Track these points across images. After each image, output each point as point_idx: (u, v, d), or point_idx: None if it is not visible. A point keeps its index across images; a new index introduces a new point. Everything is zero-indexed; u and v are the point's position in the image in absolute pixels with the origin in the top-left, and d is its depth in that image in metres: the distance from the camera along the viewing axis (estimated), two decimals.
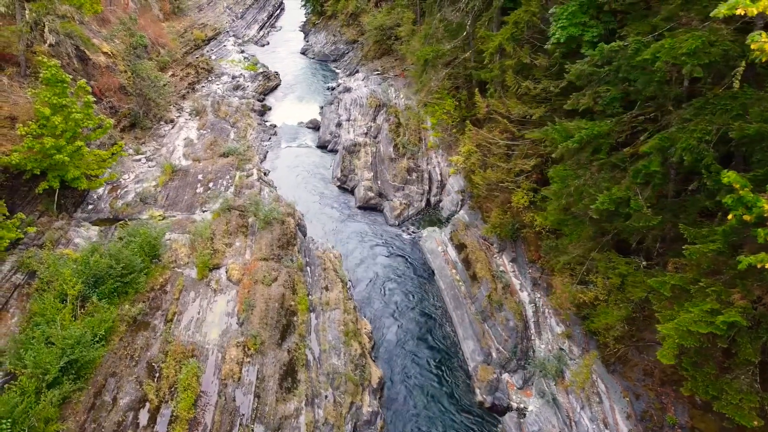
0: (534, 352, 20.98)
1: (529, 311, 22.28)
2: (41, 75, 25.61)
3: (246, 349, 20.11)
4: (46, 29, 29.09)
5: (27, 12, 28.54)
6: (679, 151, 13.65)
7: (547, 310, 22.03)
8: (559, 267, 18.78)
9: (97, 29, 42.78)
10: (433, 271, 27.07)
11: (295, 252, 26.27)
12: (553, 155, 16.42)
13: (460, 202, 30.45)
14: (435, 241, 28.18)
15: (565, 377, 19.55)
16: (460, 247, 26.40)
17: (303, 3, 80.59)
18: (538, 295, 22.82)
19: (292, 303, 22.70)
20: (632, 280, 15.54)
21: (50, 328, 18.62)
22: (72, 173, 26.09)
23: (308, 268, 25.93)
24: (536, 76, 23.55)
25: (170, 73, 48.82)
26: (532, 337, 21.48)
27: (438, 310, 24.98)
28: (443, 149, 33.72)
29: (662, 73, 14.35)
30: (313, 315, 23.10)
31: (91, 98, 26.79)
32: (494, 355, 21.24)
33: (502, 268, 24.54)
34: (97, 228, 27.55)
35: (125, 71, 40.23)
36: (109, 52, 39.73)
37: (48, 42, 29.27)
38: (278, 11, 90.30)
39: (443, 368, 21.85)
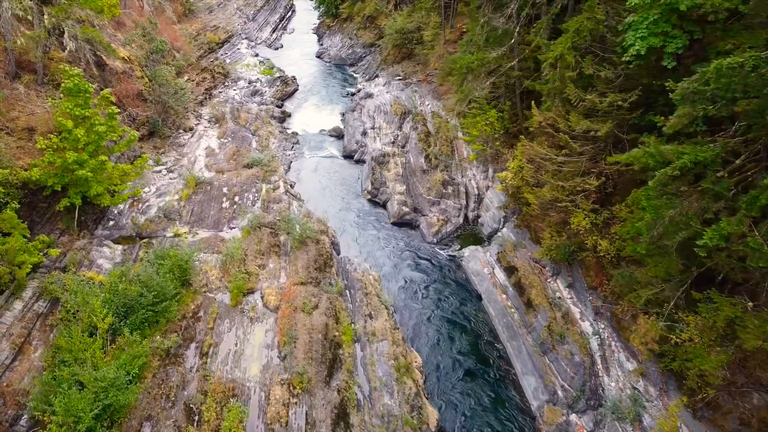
0: (604, 390, 19.23)
1: (594, 344, 20.54)
2: (63, 85, 23.91)
3: (291, 387, 18.38)
4: (65, 35, 27.37)
5: (45, 17, 26.86)
6: None
7: (613, 343, 20.29)
8: (641, 303, 17.06)
9: (112, 33, 41.11)
10: (479, 295, 25.32)
11: (333, 274, 24.55)
12: (650, 183, 14.71)
13: (502, 219, 28.70)
14: (480, 262, 26.44)
15: (642, 421, 17.81)
16: (510, 270, 24.65)
17: (316, 5, 78.91)
18: (602, 326, 21.08)
19: (336, 333, 20.97)
20: (743, 325, 13.81)
21: (80, 367, 16.91)
22: (95, 189, 24.39)
23: (348, 292, 24.19)
24: (598, 89, 21.83)
25: (186, 77, 47.12)
26: (600, 374, 19.73)
27: (489, 338, 23.23)
28: (482, 162, 31.98)
29: None
30: (358, 346, 21.37)
31: (115, 109, 25.10)
32: (560, 393, 19.50)
33: (558, 295, 22.80)
34: (120, 247, 25.84)
35: (142, 77, 38.56)
36: (126, 58, 38.06)
37: (68, 48, 27.55)
38: (289, 13, 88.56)
39: (503, 407, 20.11)
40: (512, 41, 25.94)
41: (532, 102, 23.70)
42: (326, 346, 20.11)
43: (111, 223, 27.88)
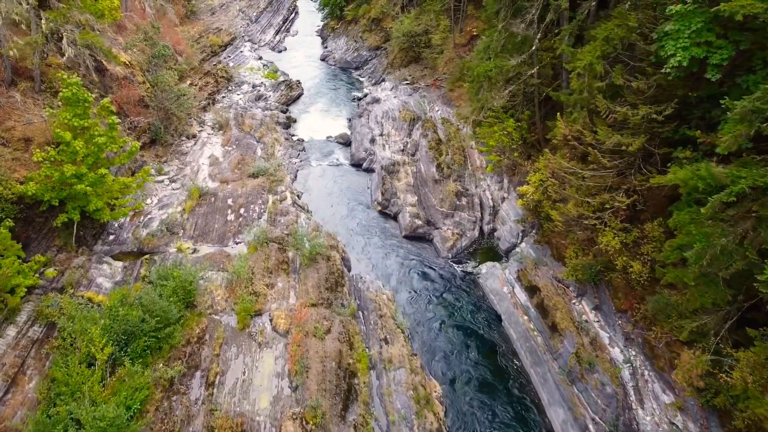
0: (639, 425, 17.94)
1: (626, 373, 19.27)
2: (61, 93, 22.67)
3: (304, 422, 17.11)
4: (64, 40, 26.11)
5: (43, 21, 25.60)
6: None
7: (647, 373, 19.02)
8: (684, 336, 15.79)
9: (113, 36, 39.84)
10: (499, 316, 24.04)
11: (345, 294, 23.28)
12: (702, 210, 13.43)
13: (520, 234, 27.42)
14: (498, 281, 25.16)
15: None
16: (532, 290, 23.38)
17: (320, 7, 77.71)
18: (633, 353, 19.81)
19: (351, 361, 19.69)
20: None
21: (77, 403, 15.64)
22: (94, 204, 23.11)
23: (361, 313, 22.93)
24: (628, 100, 20.58)
25: (188, 82, 45.85)
26: (633, 406, 18.45)
27: (511, 363, 21.96)
28: (497, 172, 30.71)
29: None
30: (373, 373, 20.10)
31: (116, 119, 23.84)
32: (591, 428, 18.23)
33: (584, 318, 21.53)
34: (120, 264, 24.60)
35: (144, 82, 37.30)
36: (128, 62, 36.79)
37: (67, 55, 26.29)
38: (292, 15, 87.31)
39: None
40: (533, 48, 24.67)
41: (558, 114, 22.45)
42: (340, 375, 18.84)
43: (111, 237, 26.62)
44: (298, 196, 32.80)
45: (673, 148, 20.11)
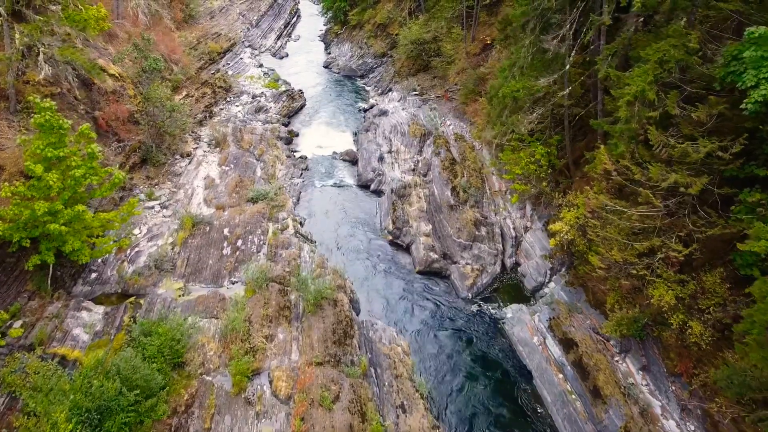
0: None
1: None
2: (32, 120, 19.99)
3: None
4: (40, 57, 23.38)
5: (17, 36, 22.89)
6: None
7: None
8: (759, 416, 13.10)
9: (103, 46, 37.09)
10: (529, 371, 21.26)
11: (354, 347, 20.52)
12: None
13: (548, 272, 24.64)
14: (527, 328, 22.40)
15: None
16: (567, 344, 20.61)
17: (323, 11, 74.99)
18: (691, 427, 17.01)
19: None
20: None
21: None
22: (71, 244, 20.40)
23: (373, 371, 20.16)
24: (683, 132, 17.81)
25: (184, 93, 43.12)
26: None
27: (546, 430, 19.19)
28: (521, 201, 27.93)
29: None
30: None
31: (96, 147, 21.10)
32: None
33: (631, 380, 18.76)
34: (102, 309, 21.87)
35: (135, 96, 34.56)
36: (117, 75, 34.05)
37: (43, 73, 23.56)
38: (294, 18, 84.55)
39: None
40: (566, 68, 21.90)
41: (599, 143, 19.69)
42: None
43: (93, 275, 23.89)
44: (300, 223, 30.04)
45: (736, 189, 17.40)
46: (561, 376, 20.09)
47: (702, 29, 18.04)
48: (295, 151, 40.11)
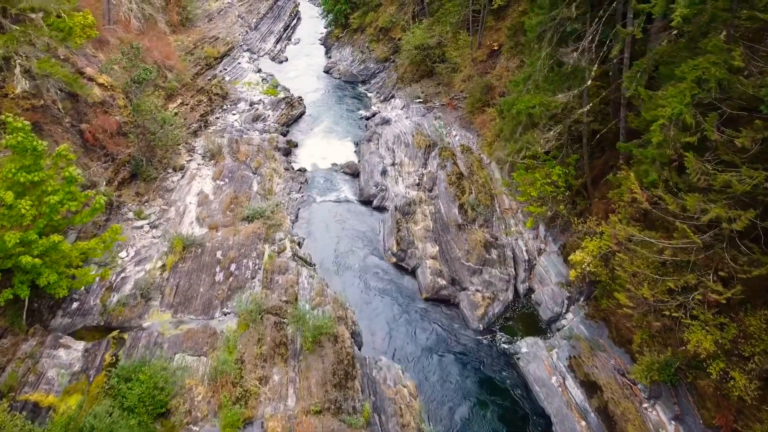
0: None
1: None
2: (3, 141, 18.25)
3: None
4: (17, 70, 21.64)
5: None
6: None
7: None
8: None
9: (92, 53, 35.34)
10: (548, 415, 19.43)
11: (356, 390, 18.72)
12: None
13: (566, 301, 22.84)
14: (544, 365, 20.59)
15: None
16: (590, 387, 18.81)
17: (323, 14, 73.14)
18: None
19: None
20: None
21: None
22: (46, 277, 18.63)
23: (377, 418, 18.35)
24: (722, 158, 16.01)
25: (179, 101, 41.33)
26: None
27: None
28: (536, 223, 26.14)
29: None
30: None
31: (75, 171, 19.33)
32: None
33: None
34: (82, 345, 20.07)
35: (126, 106, 32.77)
36: (106, 84, 32.27)
37: (20, 87, 21.83)
38: (294, 21, 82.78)
39: None
40: (588, 83, 20.10)
41: (625, 167, 17.89)
42: None
43: (75, 305, 22.12)
44: (299, 244, 28.25)
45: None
46: (584, 423, 18.28)
47: (743, 43, 16.22)
48: (294, 163, 38.32)
